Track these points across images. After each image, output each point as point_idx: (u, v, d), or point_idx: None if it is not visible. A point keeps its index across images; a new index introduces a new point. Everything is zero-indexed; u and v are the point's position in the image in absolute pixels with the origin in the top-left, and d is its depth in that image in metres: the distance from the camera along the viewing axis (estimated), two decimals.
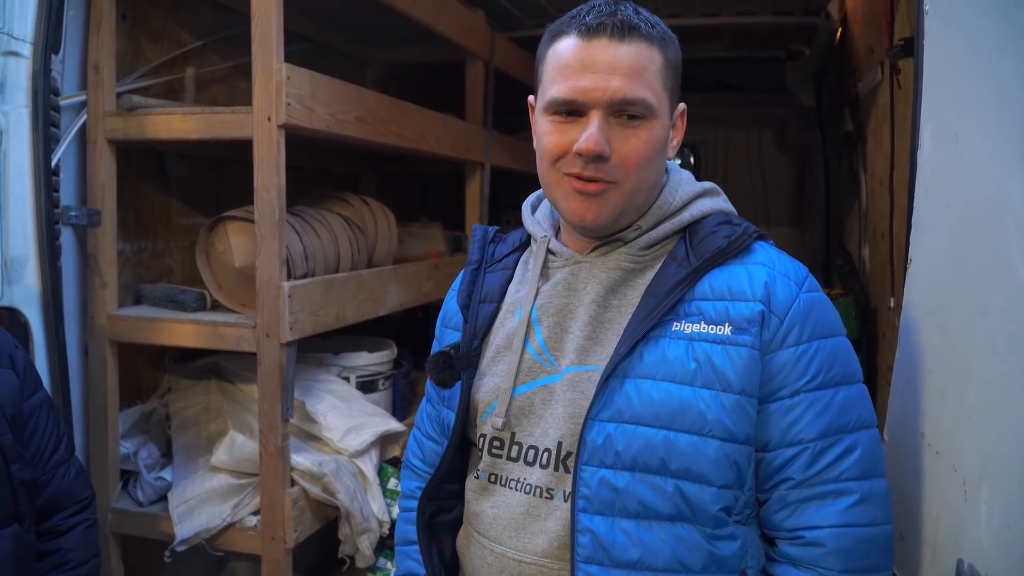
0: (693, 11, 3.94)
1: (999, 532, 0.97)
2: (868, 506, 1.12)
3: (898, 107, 2.57)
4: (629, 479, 1.11)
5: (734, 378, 1.10)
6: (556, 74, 1.15)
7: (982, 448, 1.03)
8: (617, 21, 1.12)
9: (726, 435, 1.10)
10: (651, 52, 1.14)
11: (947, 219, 1.20)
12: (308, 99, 2.20)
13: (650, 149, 1.14)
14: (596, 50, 1.12)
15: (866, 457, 1.13)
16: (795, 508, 1.13)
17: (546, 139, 1.17)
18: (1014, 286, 0.97)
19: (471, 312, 1.30)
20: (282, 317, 2.14)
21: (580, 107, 1.12)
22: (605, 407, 1.12)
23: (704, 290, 1.15)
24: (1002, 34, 1.02)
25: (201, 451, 2.45)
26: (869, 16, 3.00)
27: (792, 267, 1.18)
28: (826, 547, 1.11)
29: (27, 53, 2.01)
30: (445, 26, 3.11)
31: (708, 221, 1.21)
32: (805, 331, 1.13)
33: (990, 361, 1.03)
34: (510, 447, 1.21)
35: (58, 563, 1.64)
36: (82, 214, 2.24)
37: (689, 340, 1.12)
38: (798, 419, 1.12)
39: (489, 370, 1.26)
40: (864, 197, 3.56)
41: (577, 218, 1.17)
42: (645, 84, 1.12)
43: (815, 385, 1.12)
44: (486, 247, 1.36)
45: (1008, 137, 1.00)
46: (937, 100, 1.27)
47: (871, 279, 3.51)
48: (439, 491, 1.32)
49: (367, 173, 3.95)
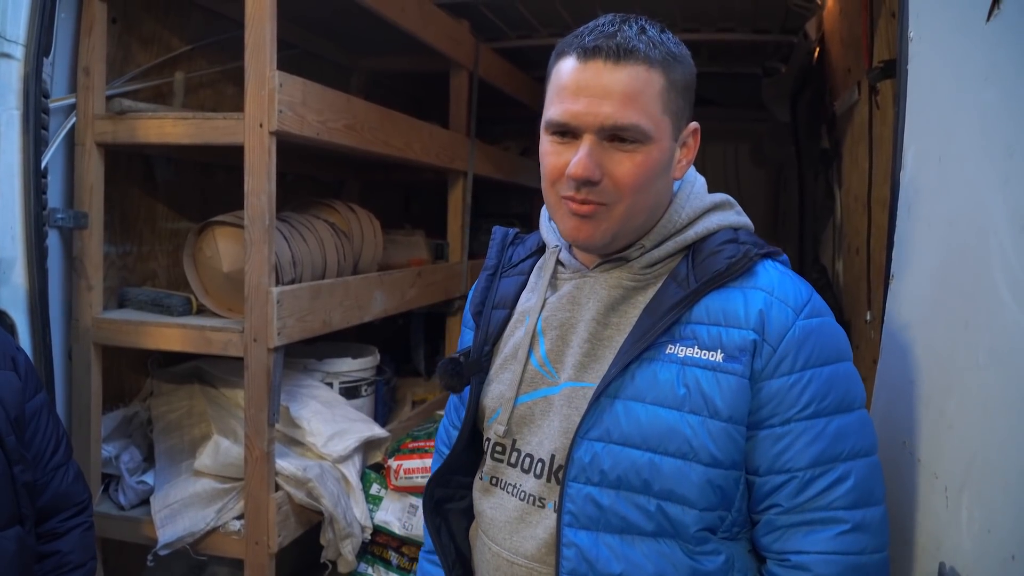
0: (674, 27, 3.97)
1: (980, 536, 1.01)
2: (859, 535, 1.11)
3: (876, 127, 2.63)
4: (614, 497, 1.13)
5: (722, 406, 1.11)
6: (555, 95, 1.16)
7: (964, 456, 1.08)
8: (614, 44, 1.11)
9: (711, 461, 1.11)
10: (649, 75, 1.12)
11: (930, 237, 1.24)
12: (299, 106, 2.22)
13: (644, 172, 1.13)
14: (590, 74, 1.12)
15: (859, 486, 1.12)
16: (783, 533, 1.14)
17: (545, 160, 1.18)
18: (995, 302, 1.02)
19: (483, 318, 1.33)
20: (270, 322, 2.15)
21: (573, 130, 1.13)
22: (594, 426, 1.14)
23: (700, 314, 1.15)
24: (986, 63, 1.07)
25: (184, 455, 2.44)
26: (847, 37, 3.08)
27: (792, 292, 1.16)
28: (812, 572, 1.11)
29: (19, 55, 2.01)
30: (432, 36, 3.14)
31: (714, 239, 1.21)
32: (799, 360, 1.12)
33: (972, 373, 1.07)
34: (510, 453, 1.26)
35: (56, 565, 1.64)
36: (69, 217, 2.23)
37: (681, 364, 1.13)
38: (788, 447, 1.12)
39: (497, 377, 1.29)
40: (839, 213, 3.63)
41: (571, 237, 1.20)
42: (639, 109, 1.11)
43: (807, 414, 1.12)
44: (504, 250, 1.38)
45: (992, 161, 1.05)
46: (920, 123, 1.32)
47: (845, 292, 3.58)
48: (450, 480, 1.38)
49: (351, 180, 3.97)
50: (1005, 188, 1.01)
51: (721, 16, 3.85)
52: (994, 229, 1.03)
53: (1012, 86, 1.02)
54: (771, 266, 1.20)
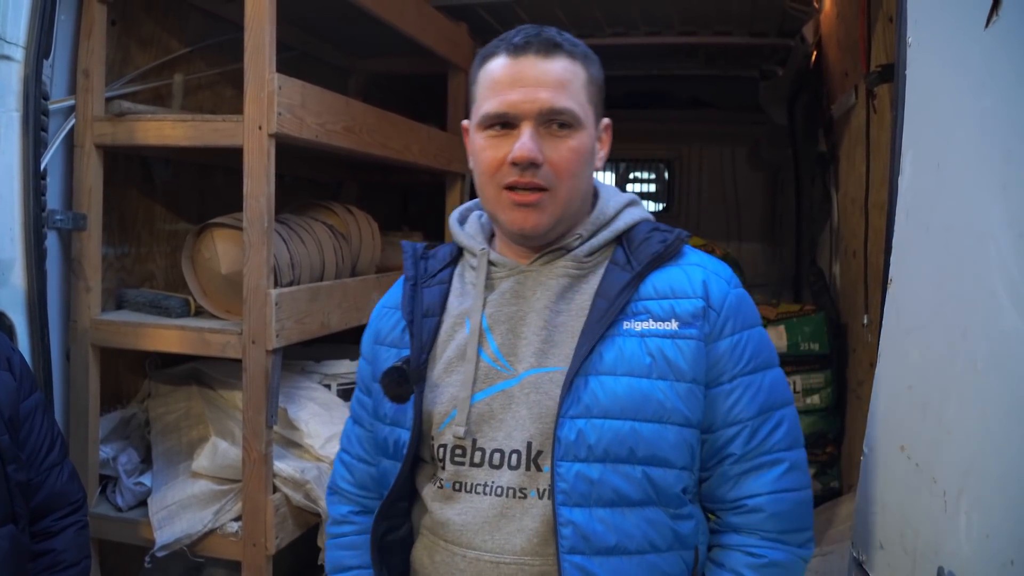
0: (672, 29, 4.02)
1: (979, 541, 1.02)
2: (796, 473, 1.25)
3: (874, 131, 2.64)
4: (602, 470, 1.18)
5: (686, 368, 1.21)
6: (488, 91, 1.23)
7: (962, 460, 1.08)
8: (543, 40, 1.22)
9: (683, 421, 1.20)
10: (575, 68, 1.23)
11: (928, 242, 1.25)
12: (298, 109, 2.22)
13: (579, 157, 1.23)
14: (524, 66, 1.21)
15: (791, 430, 1.27)
16: (736, 480, 1.25)
17: (483, 154, 1.24)
18: (994, 307, 1.02)
19: (416, 327, 1.32)
20: (269, 324, 2.16)
21: (512, 119, 1.20)
22: (574, 404, 1.18)
23: (648, 291, 1.24)
24: (985, 69, 1.08)
25: (182, 457, 2.44)
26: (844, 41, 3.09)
27: (721, 266, 1.31)
28: (765, 512, 1.23)
29: (19, 57, 2.02)
30: (430, 38, 3.15)
31: (640, 229, 1.31)
32: (738, 323, 1.25)
33: (971, 378, 1.08)
34: (472, 453, 1.24)
35: (50, 564, 1.64)
36: (68, 218, 2.24)
37: (641, 337, 1.21)
38: (737, 401, 1.23)
39: (442, 381, 1.28)
40: (836, 216, 3.64)
41: (517, 227, 1.23)
42: (571, 96, 1.21)
43: (749, 370, 1.24)
44: (418, 263, 1.39)
45: (990, 167, 1.05)
46: (918, 128, 1.32)
47: (842, 296, 3.60)
48: (392, 509, 1.32)
49: (349, 182, 3.97)
50: (1004, 194, 1.02)
51: (719, 19, 3.87)
52: (993, 234, 1.04)
53: (1010, 92, 1.03)
54: (692, 248, 1.34)
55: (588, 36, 4.14)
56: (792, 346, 3.49)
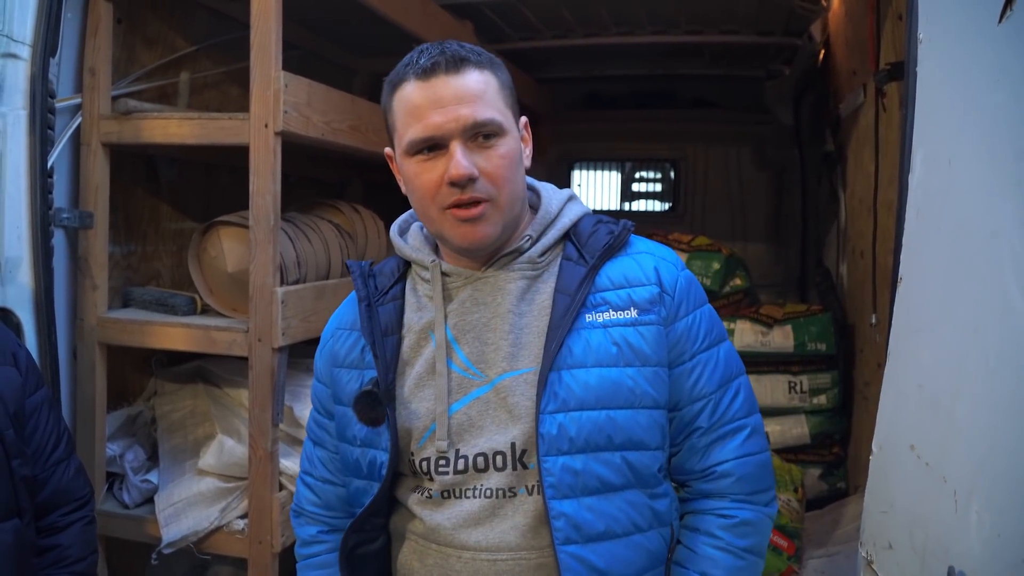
0: (677, 28, 4.02)
1: (990, 540, 1.01)
2: (757, 437, 1.33)
3: (882, 129, 2.63)
4: (585, 460, 1.22)
5: (650, 352, 1.25)
6: (408, 118, 1.22)
7: (973, 459, 1.07)
8: (448, 57, 1.21)
9: (652, 403, 1.25)
10: (485, 76, 1.23)
11: (939, 241, 1.24)
12: (304, 107, 2.22)
13: (510, 162, 1.23)
14: (438, 87, 1.20)
15: (748, 397, 1.34)
16: (705, 451, 1.31)
17: (418, 180, 1.23)
18: (1006, 306, 1.02)
19: (378, 347, 1.30)
20: (275, 322, 2.16)
21: (439, 140, 1.20)
22: (551, 400, 1.21)
23: (604, 282, 1.28)
24: (997, 66, 1.07)
25: (188, 455, 2.45)
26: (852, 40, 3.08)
27: (667, 252, 1.36)
28: (734, 475, 1.30)
29: (26, 56, 2.02)
30: (435, 38, 3.09)
31: (584, 223, 1.34)
32: (690, 303, 1.31)
33: (982, 377, 1.07)
34: (456, 461, 1.25)
35: (56, 559, 1.65)
36: (74, 216, 2.24)
37: (604, 327, 1.25)
38: (699, 377, 1.30)
39: (415, 397, 1.29)
40: (843, 216, 3.63)
41: (467, 242, 1.23)
42: (489, 105, 1.22)
43: (705, 346, 1.31)
44: (367, 281, 1.37)
45: (1002, 164, 1.04)
46: (929, 126, 1.31)
47: (849, 296, 3.59)
48: (365, 524, 1.33)
49: (354, 181, 3.97)
50: (1016, 191, 1.01)
51: (724, 18, 3.86)
52: (1004, 232, 1.03)
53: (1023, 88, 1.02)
54: (638, 237, 1.37)
55: (594, 35, 4.14)
56: (799, 346, 3.48)
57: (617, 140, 5.31)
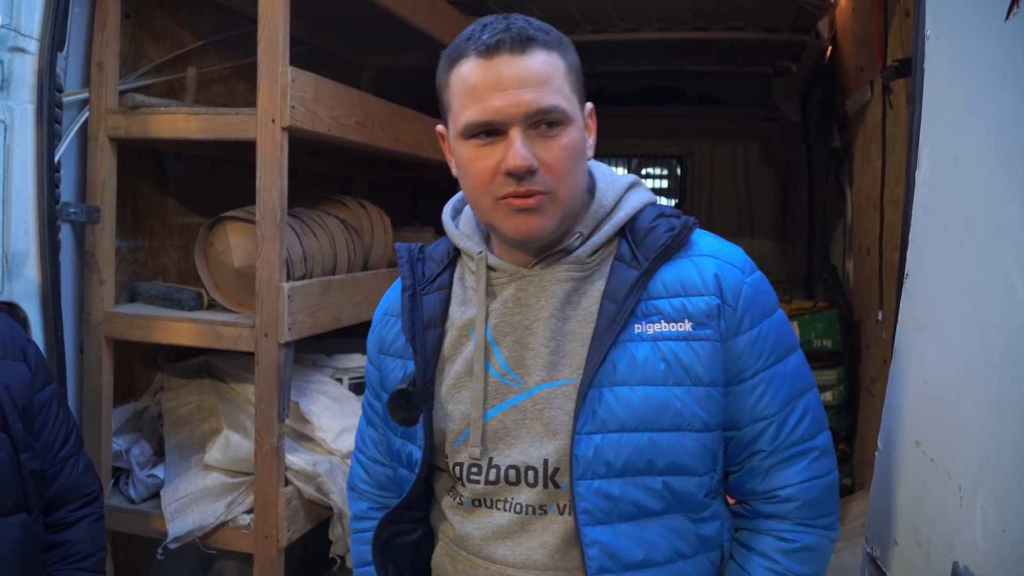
0: (684, 25, 4.01)
1: (994, 535, 1.01)
2: (824, 459, 1.23)
3: (889, 126, 2.63)
4: (622, 485, 1.13)
5: (703, 371, 1.15)
6: (466, 98, 1.12)
7: (978, 456, 1.07)
8: (514, 35, 1.11)
9: (702, 426, 1.15)
10: (553, 59, 1.13)
11: (946, 237, 1.24)
12: (311, 102, 2.23)
13: (573, 154, 1.14)
14: (500, 67, 1.10)
15: (816, 416, 1.23)
16: (767, 474, 1.21)
17: (472, 166, 1.15)
18: (1012, 303, 1.01)
19: (418, 341, 1.24)
20: (281, 318, 2.16)
21: (498, 126, 1.11)
22: (589, 420, 1.13)
23: (658, 288, 1.17)
24: (1005, 62, 1.07)
25: (194, 450, 2.45)
26: (860, 37, 3.07)
27: (733, 253, 1.22)
28: (799, 500, 1.20)
29: (33, 50, 2.02)
30: (443, 33, 3.14)
31: (644, 216, 1.23)
32: (755, 315, 1.18)
33: (987, 374, 1.07)
34: (488, 471, 1.20)
35: (64, 555, 1.65)
36: (81, 211, 2.25)
37: (653, 340, 1.15)
38: (761, 397, 1.19)
39: (452, 398, 1.23)
40: (850, 213, 3.62)
41: (520, 234, 1.14)
42: (555, 91, 1.12)
43: (771, 363, 1.19)
44: (415, 267, 1.31)
45: (1009, 161, 1.04)
46: (936, 122, 1.31)
47: (855, 293, 3.58)
48: (402, 517, 1.30)
49: (361, 176, 3.98)
50: (1022, 188, 1.01)
51: (732, 15, 3.85)
52: (1011, 229, 1.03)
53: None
54: (701, 233, 1.24)
55: (601, 31, 4.13)
56: (804, 343, 3.47)
57: (624, 136, 5.29)
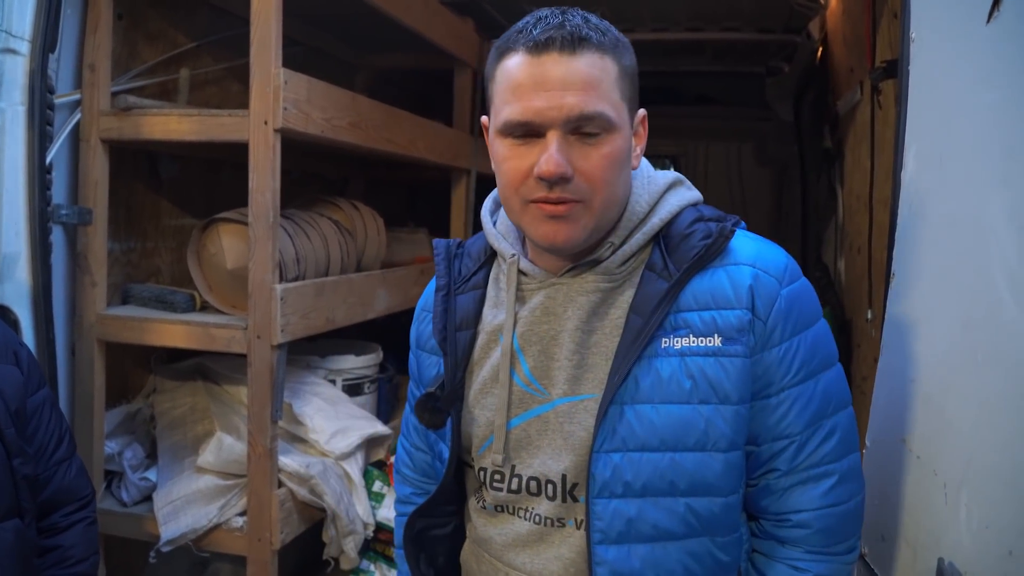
0: (678, 26, 4.01)
1: (979, 532, 1.02)
2: (847, 484, 1.16)
3: (878, 127, 2.64)
4: (641, 505, 1.11)
5: (731, 390, 1.10)
6: (508, 94, 1.09)
7: (963, 453, 1.08)
8: (566, 33, 1.06)
9: (728, 446, 1.11)
10: (605, 62, 1.08)
11: (931, 237, 1.25)
12: (304, 104, 2.23)
13: (613, 164, 1.09)
14: (547, 66, 1.06)
15: (844, 438, 1.16)
16: (781, 495, 1.17)
17: (505, 165, 1.11)
18: (995, 301, 1.02)
19: (449, 343, 1.23)
20: (274, 319, 2.16)
21: (536, 128, 1.07)
22: (608, 438, 1.11)
23: (688, 301, 1.12)
24: (987, 64, 1.08)
25: (187, 452, 2.45)
26: (850, 38, 3.08)
27: (772, 260, 1.15)
28: (812, 528, 1.15)
29: (25, 51, 2.02)
30: (436, 34, 3.15)
31: (681, 220, 1.18)
32: (788, 328, 1.12)
33: (971, 371, 1.08)
34: (510, 480, 1.20)
35: (58, 560, 1.64)
36: (73, 213, 2.24)
37: (680, 356, 1.11)
38: (785, 415, 1.14)
39: (478, 403, 1.22)
40: (841, 212, 3.63)
41: (548, 241, 1.11)
42: (602, 97, 1.07)
43: (799, 379, 1.13)
44: (451, 264, 1.29)
45: (991, 162, 1.05)
46: (921, 123, 1.32)
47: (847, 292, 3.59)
48: (434, 511, 1.31)
49: (355, 178, 3.98)
50: (1005, 188, 1.02)
51: (726, 15, 3.86)
52: (994, 229, 1.04)
53: (1012, 87, 1.03)
54: (742, 235, 1.19)
55: None
56: None
57: None
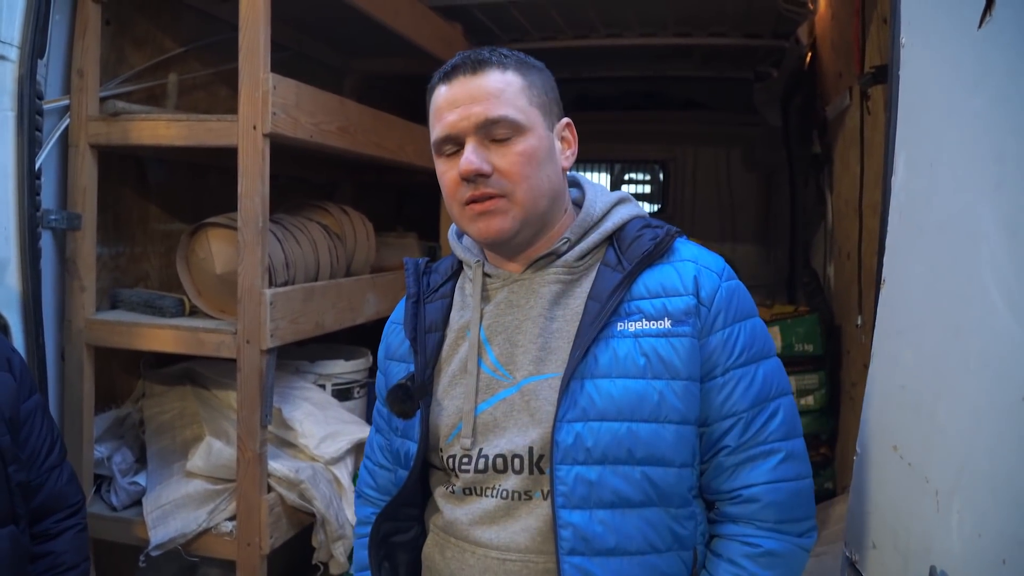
0: (666, 30, 4.03)
1: (970, 540, 1.02)
2: (793, 463, 1.27)
3: (867, 132, 2.65)
4: (601, 472, 1.20)
5: (680, 366, 1.22)
6: (433, 119, 1.28)
7: (955, 460, 1.08)
8: (469, 60, 1.26)
9: (680, 419, 1.22)
10: (507, 76, 1.26)
11: (921, 243, 1.25)
12: (293, 109, 2.22)
13: (530, 160, 1.24)
14: (456, 88, 1.25)
15: (787, 420, 1.27)
16: (732, 471, 1.27)
17: (443, 179, 1.28)
18: (986, 308, 1.02)
19: (419, 344, 1.35)
20: (263, 324, 2.16)
21: (456, 138, 1.24)
22: (570, 409, 1.21)
23: (640, 290, 1.26)
24: (977, 71, 1.08)
25: (176, 456, 2.44)
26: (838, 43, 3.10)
27: (712, 260, 1.32)
28: (762, 501, 1.25)
29: (13, 57, 2.01)
30: (425, 39, 3.15)
31: (631, 227, 1.32)
32: (729, 315, 1.26)
33: (963, 378, 1.08)
34: (477, 460, 1.27)
35: (49, 566, 1.64)
36: (62, 218, 2.23)
37: (635, 337, 1.23)
38: (731, 394, 1.25)
39: (447, 395, 1.32)
40: (830, 217, 3.65)
41: (482, 236, 1.26)
42: (505, 103, 1.24)
43: (742, 362, 1.26)
44: (420, 279, 1.42)
45: (982, 167, 1.05)
46: (911, 129, 1.32)
47: (836, 297, 3.60)
48: (398, 513, 1.37)
49: (344, 182, 3.97)
50: (996, 193, 1.02)
51: (713, 20, 3.88)
52: (985, 234, 1.04)
53: (1003, 92, 1.03)
54: (685, 241, 1.35)
55: (583, 37, 4.14)
56: (786, 347, 3.50)
57: (607, 141, 5.31)
